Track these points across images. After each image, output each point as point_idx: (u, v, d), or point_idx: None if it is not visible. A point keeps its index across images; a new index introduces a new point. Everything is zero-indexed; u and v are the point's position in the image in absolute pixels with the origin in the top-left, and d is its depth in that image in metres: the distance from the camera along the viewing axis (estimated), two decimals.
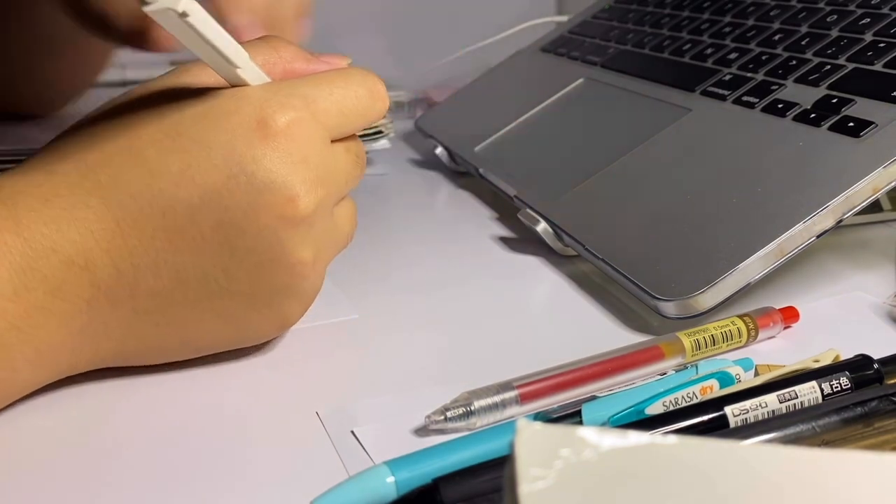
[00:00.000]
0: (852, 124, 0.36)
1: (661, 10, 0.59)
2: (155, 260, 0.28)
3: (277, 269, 0.29)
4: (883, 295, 0.36)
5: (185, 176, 0.28)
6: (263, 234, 0.28)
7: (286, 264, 0.29)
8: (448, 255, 0.43)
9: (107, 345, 0.29)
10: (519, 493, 0.15)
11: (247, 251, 0.28)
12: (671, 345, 0.31)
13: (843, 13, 0.44)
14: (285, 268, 0.29)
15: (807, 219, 0.32)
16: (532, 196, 0.44)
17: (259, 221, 0.28)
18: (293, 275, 0.29)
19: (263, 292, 0.30)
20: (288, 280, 0.30)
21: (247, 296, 0.29)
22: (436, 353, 0.33)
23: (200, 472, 0.26)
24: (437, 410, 0.27)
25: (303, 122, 0.29)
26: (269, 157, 0.28)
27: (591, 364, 0.30)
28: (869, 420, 0.25)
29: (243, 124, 0.28)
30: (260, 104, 0.29)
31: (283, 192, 0.28)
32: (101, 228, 0.27)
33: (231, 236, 0.28)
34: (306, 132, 0.29)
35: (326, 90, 0.30)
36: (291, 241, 0.29)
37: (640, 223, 0.38)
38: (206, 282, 0.29)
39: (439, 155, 0.57)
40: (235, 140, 0.28)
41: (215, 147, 0.28)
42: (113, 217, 0.27)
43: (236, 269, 0.29)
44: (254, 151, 0.28)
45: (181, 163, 0.28)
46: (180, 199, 0.28)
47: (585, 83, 0.55)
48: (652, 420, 0.26)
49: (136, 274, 0.28)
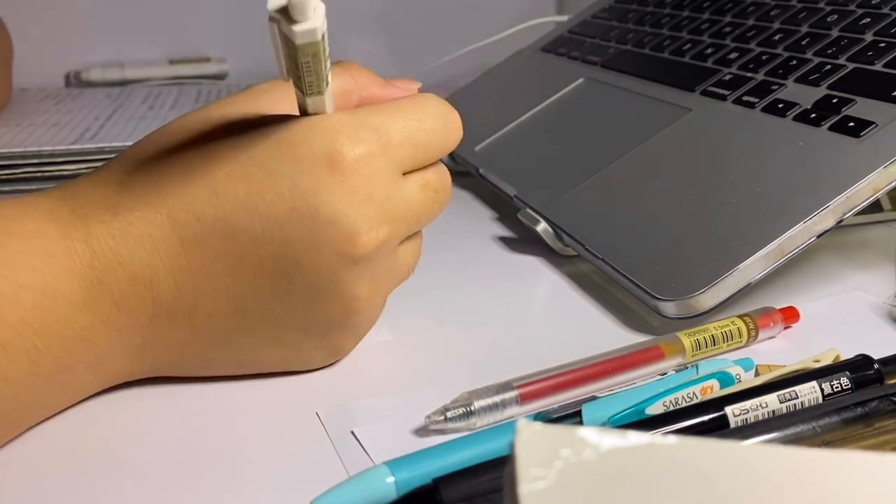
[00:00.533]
0: (852, 124, 0.36)
1: (661, 10, 0.59)
2: (215, 284, 0.28)
3: (333, 304, 0.29)
4: (883, 295, 0.36)
5: (249, 203, 0.27)
6: (322, 271, 0.28)
7: (342, 301, 0.29)
8: (448, 254, 0.43)
9: (164, 359, 0.30)
10: (519, 493, 0.15)
11: (304, 285, 0.28)
12: (671, 345, 0.31)
13: (843, 13, 0.44)
14: (341, 304, 0.29)
15: (807, 219, 0.32)
16: (532, 196, 0.44)
17: (318, 257, 0.28)
18: (349, 311, 0.29)
19: (318, 325, 0.30)
20: (343, 315, 0.30)
21: (302, 327, 0.30)
22: (436, 353, 0.33)
23: (201, 472, 0.26)
24: (437, 410, 0.27)
25: (372, 157, 0.28)
26: (333, 193, 0.27)
27: (591, 364, 0.29)
28: (869, 420, 0.25)
29: (312, 156, 0.28)
30: (331, 136, 0.28)
31: (345, 230, 0.28)
32: (165, 247, 0.27)
33: (289, 269, 0.28)
34: (375, 168, 0.28)
35: (400, 122, 0.30)
36: (349, 279, 0.29)
37: (640, 223, 0.38)
38: (263, 311, 0.29)
39: None
40: (302, 172, 0.27)
41: (282, 177, 0.27)
42: (178, 236, 0.27)
43: (293, 301, 0.29)
44: (319, 185, 0.27)
45: (247, 189, 0.27)
46: (243, 225, 0.27)
47: (585, 83, 0.55)
48: (652, 420, 0.26)
49: (196, 296, 0.28)
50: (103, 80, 0.76)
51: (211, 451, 0.27)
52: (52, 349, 0.26)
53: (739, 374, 0.29)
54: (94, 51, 0.76)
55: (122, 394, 0.30)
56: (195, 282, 0.28)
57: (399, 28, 0.83)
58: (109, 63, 0.76)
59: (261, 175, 0.27)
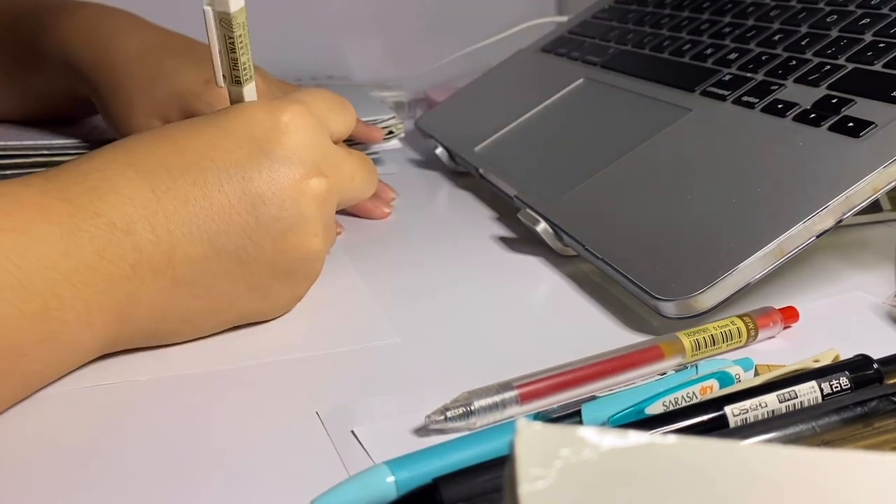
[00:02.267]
0: (852, 124, 0.36)
1: (661, 11, 0.59)
2: (189, 227, 0.31)
3: (298, 238, 0.33)
4: (883, 295, 0.36)
5: (210, 151, 0.32)
6: (285, 203, 0.32)
7: (304, 234, 0.33)
8: (448, 255, 0.43)
9: (149, 317, 0.31)
10: (519, 493, 0.15)
11: (270, 219, 0.32)
12: (671, 345, 0.31)
13: (843, 13, 0.44)
14: (303, 238, 0.33)
15: (807, 219, 0.32)
16: (532, 196, 0.44)
17: (280, 189, 0.32)
18: (308, 247, 0.33)
19: (285, 261, 0.33)
20: (304, 251, 0.33)
21: (271, 265, 0.33)
22: (436, 353, 0.33)
23: (200, 472, 0.26)
24: (437, 410, 0.27)
25: (304, 114, 0.34)
26: (282, 140, 0.33)
27: (591, 364, 0.30)
28: (869, 420, 0.25)
29: (256, 115, 0.33)
30: (267, 104, 0.34)
31: (299, 167, 0.33)
32: (138, 196, 0.30)
33: (256, 203, 0.32)
34: (308, 124, 0.34)
35: (314, 99, 0.36)
36: (308, 212, 0.33)
37: (640, 223, 0.38)
38: (237, 250, 0.32)
39: (439, 155, 0.57)
40: (252, 126, 0.33)
41: (236, 131, 0.32)
42: (149, 186, 0.30)
43: (262, 237, 0.32)
44: (269, 135, 0.33)
45: (207, 141, 0.32)
46: (208, 168, 0.31)
47: (585, 83, 0.55)
48: (652, 420, 0.26)
49: (173, 240, 0.30)
50: None
51: (211, 450, 0.27)
52: (38, 288, 0.27)
53: (739, 374, 0.29)
54: None
55: (119, 393, 0.30)
56: (170, 226, 0.30)
57: (399, 28, 0.83)
58: None
59: (217, 132, 0.32)
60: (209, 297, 0.32)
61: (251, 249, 0.32)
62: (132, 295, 0.30)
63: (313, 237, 0.33)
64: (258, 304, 0.34)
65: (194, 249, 0.31)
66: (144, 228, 0.30)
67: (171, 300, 0.31)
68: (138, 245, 0.29)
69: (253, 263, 0.32)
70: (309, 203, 0.33)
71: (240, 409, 0.30)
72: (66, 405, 0.30)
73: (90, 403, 0.30)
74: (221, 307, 0.33)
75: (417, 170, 0.59)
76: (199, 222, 0.31)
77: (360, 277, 0.40)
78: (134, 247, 0.29)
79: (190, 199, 0.31)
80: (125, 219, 0.29)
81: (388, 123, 0.56)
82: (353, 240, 0.45)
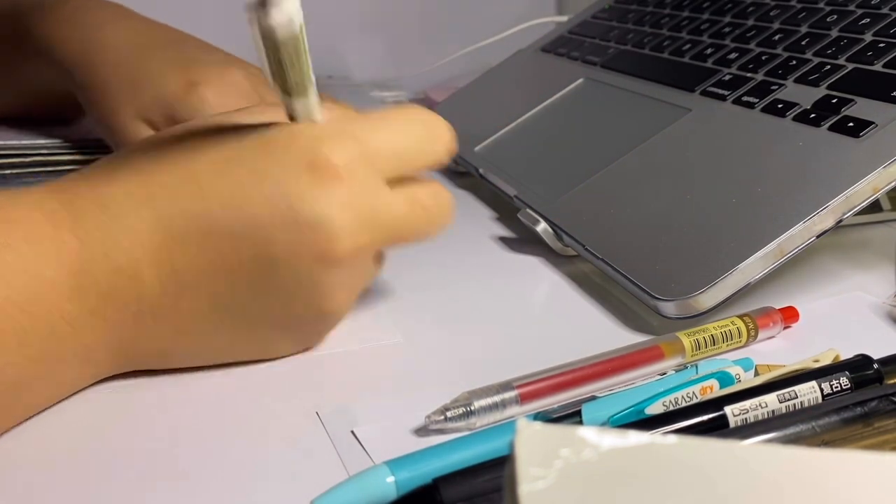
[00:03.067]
0: (852, 124, 0.36)
1: (661, 10, 0.59)
2: (196, 281, 0.28)
3: (309, 305, 0.30)
4: (883, 295, 0.36)
5: (233, 202, 0.28)
6: (299, 274, 0.29)
7: (317, 302, 0.30)
8: (448, 255, 0.43)
9: (150, 352, 0.30)
10: (519, 493, 0.15)
11: (281, 286, 0.29)
12: (671, 345, 0.31)
13: (843, 13, 0.44)
14: (316, 305, 0.30)
15: (807, 219, 0.32)
16: (532, 196, 0.44)
17: (297, 260, 0.28)
18: (323, 312, 0.31)
19: (293, 323, 0.31)
20: (317, 315, 0.31)
21: (278, 325, 0.31)
22: (436, 353, 0.33)
23: (200, 472, 0.26)
24: (437, 410, 0.27)
25: (354, 164, 0.29)
26: (316, 198, 0.28)
27: (591, 364, 0.30)
28: (868, 420, 0.25)
29: (296, 161, 0.28)
30: (315, 142, 0.29)
31: (325, 235, 0.28)
32: (150, 240, 0.28)
33: (267, 269, 0.29)
34: (357, 175, 0.29)
35: (383, 132, 0.31)
36: (326, 282, 0.29)
37: (640, 223, 0.38)
38: (241, 309, 0.29)
39: None
40: (286, 175, 0.28)
41: (266, 179, 0.28)
42: (162, 230, 0.28)
43: (270, 300, 0.29)
44: (301, 189, 0.28)
45: (232, 189, 0.28)
46: (225, 223, 0.28)
47: (585, 83, 0.55)
48: (652, 420, 0.26)
49: (178, 293, 0.28)
50: None
51: (210, 450, 0.27)
52: (40, 332, 0.27)
53: (739, 374, 0.29)
54: None
55: (119, 394, 0.30)
56: (177, 278, 0.28)
57: (399, 28, 0.83)
58: None
59: (246, 176, 0.28)
60: (210, 344, 0.31)
61: (256, 310, 0.30)
62: (134, 339, 0.29)
63: (331, 304, 0.30)
64: (261, 353, 0.32)
65: (198, 305, 0.29)
66: (151, 277, 0.28)
67: (171, 344, 0.30)
68: (143, 294, 0.28)
69: (258, 321, 0.30)
70: (329, 270, 0.29)
71: (240, 409, 0.30)
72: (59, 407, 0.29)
73: (84, 402, 0.30)
74: (223, 354, 0.31)
75: None
76: (207, 279, 0.28)
77: None
78: (139, 296, 0.28)
79: (201, 252, 0.28)
80: (133, 265, 0.28)
81: None
82: None
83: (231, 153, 0.29)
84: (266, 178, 0.28)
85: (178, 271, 0.28)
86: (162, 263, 0.28)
